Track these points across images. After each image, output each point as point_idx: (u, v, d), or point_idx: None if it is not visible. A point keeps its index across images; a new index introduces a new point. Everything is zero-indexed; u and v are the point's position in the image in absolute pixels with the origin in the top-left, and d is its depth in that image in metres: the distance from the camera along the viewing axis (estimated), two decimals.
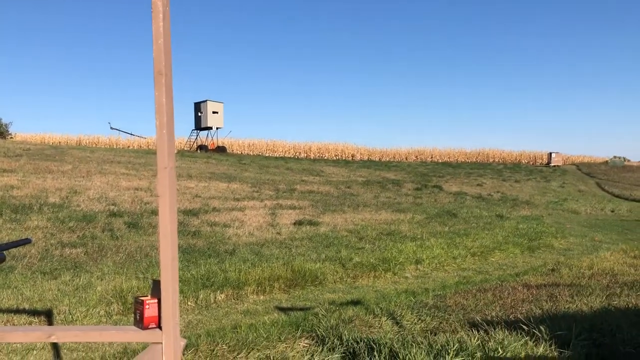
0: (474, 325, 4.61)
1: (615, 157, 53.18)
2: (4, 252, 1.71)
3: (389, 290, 7.43)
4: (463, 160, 49.39)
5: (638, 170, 44.23)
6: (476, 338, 3.95)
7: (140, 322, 1.64)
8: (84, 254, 8.26)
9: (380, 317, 5.20)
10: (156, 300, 1.63)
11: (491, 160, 50.58)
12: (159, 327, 1.62)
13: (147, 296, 1.69)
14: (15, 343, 4.56)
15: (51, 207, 11.00)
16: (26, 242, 1.87)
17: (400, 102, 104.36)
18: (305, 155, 45.59)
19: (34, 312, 5.59)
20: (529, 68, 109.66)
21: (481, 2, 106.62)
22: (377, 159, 46.61)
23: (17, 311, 5.57)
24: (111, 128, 47.19)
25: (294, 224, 12.22)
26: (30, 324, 5.32)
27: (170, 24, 1.66)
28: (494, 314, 5.24)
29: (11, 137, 35.03)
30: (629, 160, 56.16)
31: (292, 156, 43.75)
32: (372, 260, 8.76)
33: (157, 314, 1.63)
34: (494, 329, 4.21)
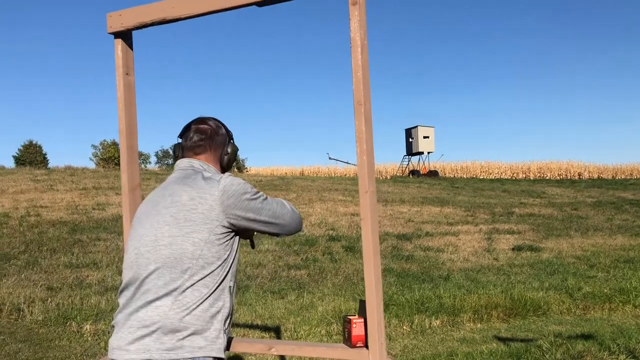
0: None
1: None
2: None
3: (628, 325, 6.52)
4: None
5: None
6: None
7: (348, 340, 1.71)
8: (307, 276, 8.89)
9: (618, 355, 4.60)
10: (363, 320, 1.69)
11: None
12: (366, 346, 1.66)
13: (355, 315, 1.75)
14: (249, 354, 5.09)
15: None
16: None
17: (636, 112, 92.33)
18: (524, 175, 42.87)
19: (265, 328, 6.17)
20: None
21: None
22: (609, 177, 41.66)
23: (252, 326, 6.21)
24: (330, 158, 50.34)
25: (513, 249, 11.53)
26: (261, 338, 5.89)
27: (368, 56, 1.73)
28: None
29: (247, 171, 39.72)
30: None
31: (509, 177, 41.48)
32: (605, 290, 7.81)
33: (364, 333, 1.68)
34: None
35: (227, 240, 1.70)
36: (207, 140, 1.91)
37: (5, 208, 14.64)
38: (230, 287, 1.72)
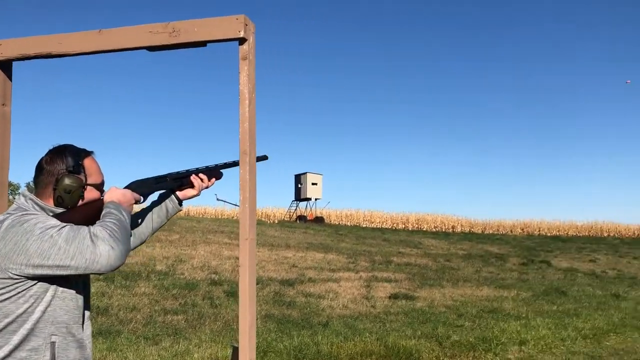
0: None
1: None
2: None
3: None
4: (574, 234, 46.38)
5: None
6: None
7: None
8: (184, 321, 8.58)
9: None
10: None
11: (605, 234, 47.05)
12: None
13: None
14: None
15: (158, 274, 11.64)
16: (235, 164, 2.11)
17: (505, 173, 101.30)
18: (403, 226, 45.02)
19: None
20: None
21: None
22: (479, 231, 44.95)
23: None
24: (217, 199, 49.34)
25: (389, 297, 11.97)
26: None
27: (255, 108, 1.80)
28: None
29: None
30: None
31: (390, 227, 43.37)
32: (471, 339, 8.31)
33: None
34: None
35: (18, 293, 1.53)
36: (39, 175, 1.77)
37: None
38: (53, 342, 1.55)
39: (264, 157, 2.20)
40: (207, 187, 2.16)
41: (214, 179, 2.17)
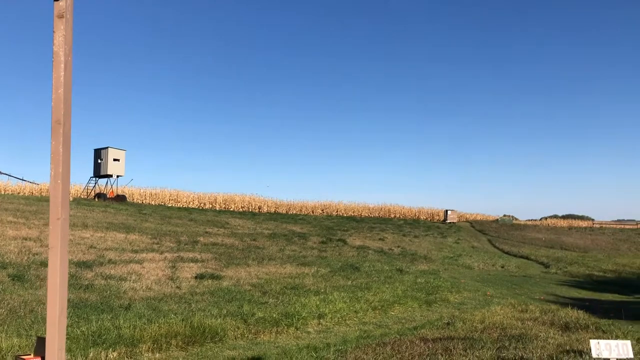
0: None
1: (504, 215, 57.13)
2: None
3: (291, 345, 7.35)
4: (366, 214, 50.70)
5: (525, 228, 47.60)
6: None
7: None
8: None
9: None
10: (40, 359, 1.54)
11: (392, 215, 52.34)
12: None
13: (29, 355, 1.59)
14: None
15: None
16: None
17: (309, 155, 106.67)
18: (211, 206, 44.71)
19: None
20: (430, 135, 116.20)
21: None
22: (284, 212, 46.66)
23: None
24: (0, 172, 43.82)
25: (195, 277, 11.86)
26: None
27: (72, 73, 1.64)
28: None
29: None
30: (517, 219, 60.73)
31: (197, 207, 42.72)
32: (274, 315, 8.66)
33: None
34: None
35: None
36: None
37: None
38: None
39: None
40: None
41: None
